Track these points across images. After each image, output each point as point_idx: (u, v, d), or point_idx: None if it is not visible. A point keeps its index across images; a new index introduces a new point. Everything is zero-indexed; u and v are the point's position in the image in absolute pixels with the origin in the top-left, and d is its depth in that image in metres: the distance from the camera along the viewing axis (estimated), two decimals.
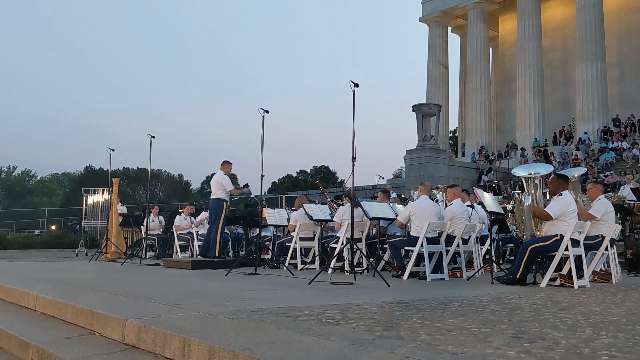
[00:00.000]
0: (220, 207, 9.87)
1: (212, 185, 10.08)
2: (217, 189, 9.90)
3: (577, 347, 2.81)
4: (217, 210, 9.89)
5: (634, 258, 9.02)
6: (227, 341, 2.88)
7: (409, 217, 7.57)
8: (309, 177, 59.21)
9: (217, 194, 9.89)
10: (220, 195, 9.87)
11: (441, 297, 5.10)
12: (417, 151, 24.24)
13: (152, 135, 11.24)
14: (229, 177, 10.12)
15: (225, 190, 9.91)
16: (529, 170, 6.83)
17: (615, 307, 4.55)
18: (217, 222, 9.83)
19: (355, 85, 6.91)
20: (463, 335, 3.09)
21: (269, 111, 8.49)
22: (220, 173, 10.05)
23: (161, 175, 59.25)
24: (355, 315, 3.77)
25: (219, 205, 9.88)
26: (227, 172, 10.11)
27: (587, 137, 29.06)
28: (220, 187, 9.89)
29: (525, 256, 6.37)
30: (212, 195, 10.09)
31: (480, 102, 35.92)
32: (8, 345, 4.07)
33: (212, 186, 10.07)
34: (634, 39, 33.04)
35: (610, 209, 7.12)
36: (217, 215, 9.85)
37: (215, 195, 9.92)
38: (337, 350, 2.66)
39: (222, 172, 10.07)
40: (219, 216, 9.84)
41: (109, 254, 12.81)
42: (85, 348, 3.50)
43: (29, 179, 75.71)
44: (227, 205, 10.04)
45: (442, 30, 40.19)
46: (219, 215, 9.84)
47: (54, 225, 32.22)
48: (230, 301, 4.57)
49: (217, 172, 10.14)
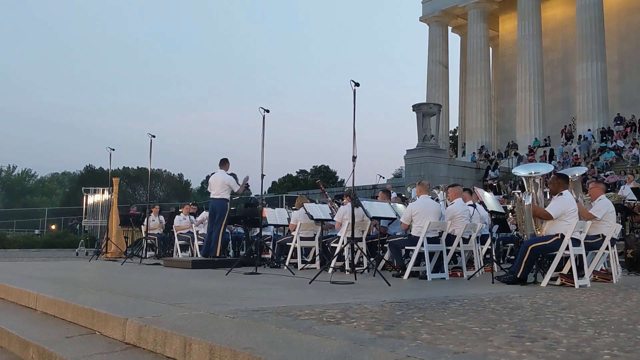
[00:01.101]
0: (225, 207, 9.82)
1: (216, 185, 9.89)
2: (222, 189, 9.79)
3: (579, 346, 2.81)
4: (221, 210, 9.80)
5: (634, 257, 9.02)
6: (228, 340, 2.88)
7: (411, 217, 7.55)
8: (309, 176, 59.21)
9: (222, 194, 9.79)
10: (224, 195, 9.80)
11: (442, 296, 5.10)
12: (417, 151, 24.23)
13: (153, 134, 11.24)
14: (231, 177, 10.11)
15: (230, 190, 9.86)
16: (529, 169, 6.82)
17: (616, 307, 4.55)
18: (220, 222, 9.77)
19: (355, 84, 6.91)
20: (464, 334, 3.08)
21: (269, 110, 8.47)
22: (223, 172, 9.94)
23: (161, 175, 59.27)
24: (356, 315, 3.76)
25: (223, 205, 9.81)
26: (227, 171, 10.07)
27: (590, 134, 28.96)
28: (226, 187, 9.79)
29: (525, 256, 6.36)
30: (214, 194, 9.89)
31: (480, 102, 35.90)
32: (8, 345, 4.06)
33: (216, 186, 9.88)
34: (634, 38, 33.02)
35: (612, 209, 7.11)
36: (222, 215, 9.78)
37: (219, 195, 9.80)
38: (339, 350, 2.66)
39: (223, 171, 9.98)
40: (222, 216, 9.78)
41: (109, 253, 12.82)
42: (86, 347, 3.49)
43: (29, 178, 75.70)
44: (229, 205, 10.02)
45: (443, 30, 40.17)
46: (223, 215, 9.78)
47: (54, 225, 32.24)
48: (231, 300, 4.56)
49: (218, 171, 10.03)
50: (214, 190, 9.92)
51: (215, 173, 10.17)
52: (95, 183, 22.08)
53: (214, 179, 10.02)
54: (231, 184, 9.86)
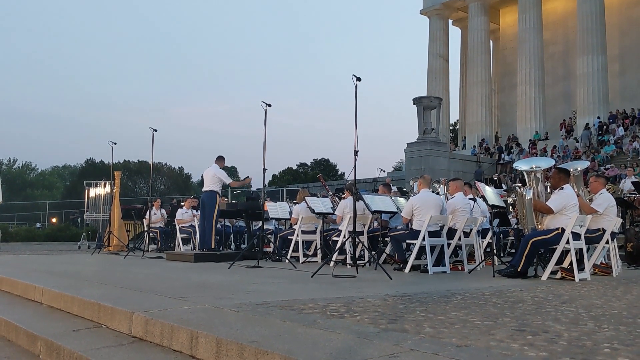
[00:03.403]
0: (214, 199, 10.01)
1: (206, 177, 10.21)
2: (212, 182, 10.04)
3: (580, 339, 2.85)
4: (210, 202, 10.00)
5: (634, 251, 9.07)
6: (234, 334, 2.92)
7: (412, 212, 7.59)
8: (309, 169, 59.23)
9: (211, 186, 10.03)
10: (214, 188, 10.03)
11: (443, 290, 5.14)
12: (418, 144, 24.26)
13: (155, 128, 11.26)
14: (224, 171, 10.23)
15: (219, 183, 10.02)
16: (530, 164, 6.85)
17: (616, 300, 4.59)
18: (211, 215, 9.94)
19: (357, 79, 6.92)
20: (466, 328, 3.13)
21: (271, 105, 8.48)
22: (216, 167, 10.17)
23: (162, 168, 59.29)
24: (359, 309, 3.80)
25: (212, 197, 10.01)
26: (221, 167, 10.23)
27: (599, 121, 28.87)
28: (216, 180, 10.03)
29: (526, 249, 6.40)
30: (204, 187, 10.22)
31: (480, 95, 35.89)
32: (16, 338, 4.11)
33: (206, 179, 10.21)
34: (634, 32, 32.96)
35: (613, 203, 7.15)
36: (212, 207, 9.96)
37: (209, 187, 10.05)
38: (343, 343, 2.70)
39: (217, 165, 10.19)
40: (212, 208, 9.96)
41: (112, 247, 12.87)
42: (93, 340, 3.53)
43: (29, 171, 75.71)
44: (219, 197, 10.16)
45: (443, 23, 40.09)
46: (213, 206, 9.96)
47: (54, 218, 32.31)
48: (235, 294, 4.60)
49: (212, 165, 10.25)
50: (205, 183, 10.26)
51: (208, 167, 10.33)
52: (96, 176, 22.12)
53: (206, 173, 10.32)
54: (222, 177, 10.10)
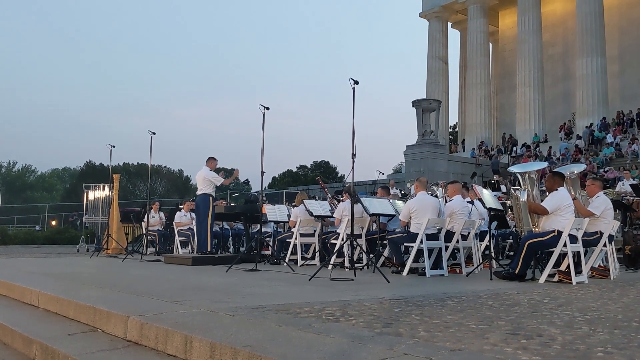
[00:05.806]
0: (207, 202, 10.00)
1: (198, 181, 10.21)
2: (204, 185, 10.03)
3: (573, 343, 2.85)
4: (204, 205, 10.00)
5: (632, 254, 9.07)
6: (229, 338, 2.92)
7: (409, 214, 7.59)
8: (309, 172, 59.22)
9: (204, 189, 10.02)
10: (206, 190, 10.01)
11: (440, 293, 5.14)
12: (417, 146, 24.26)
13: (153, 131, 11.28)
14: (214, 172, 10.22)
15: (212, 185, 10.03)
16: (524, 168, 6.89)
17: (612, 303, 4.59)
18: (206, 218, 9.94)
19: (355, 82, 6.92)
20: (461, 331, 3.13)
21: (269, 108, 8.47)
22: (206, 169, 10.15)
23: (161, 171, 59.31)
24: (355, 312, 3.81)
25: (205, 200, 10.00)
26: (212, 169, 10.22)
27: (599, 121, 28.91)
28: (207, 182, 10.02)
29: (523, 252, 6.41)
30: (198, 190, 10.21)
31: (480, 97, 35.91)
32: (12, 341, 4.11)
33: (198, 182, 10.21)
34: (634, 32, 32.98)
35: (610, 206, 7.15)
36: (205, 210, 9.96)
37: (202, 190, 10.04)
38: (337, 347, 2.70)
39: (207, 168, 10.17)
40: (206, 210, 9.95)
41: (110, 249, 12.86)
42: (88, 344, 3.54)
43: (29, 174, 75.72)
44: (213, 199, 10.18)
45: (442, 25, 40.13)
46: (207, 209, 9.96)
47: (54, 221, 32.30)
48: (231, 297, 4.61)
49: (203, 168, 10.23)
50: (198, 186, 10.26)
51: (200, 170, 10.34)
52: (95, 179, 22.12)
53: (197, 176, 10.31)
54: (212, 178, 10.07)
